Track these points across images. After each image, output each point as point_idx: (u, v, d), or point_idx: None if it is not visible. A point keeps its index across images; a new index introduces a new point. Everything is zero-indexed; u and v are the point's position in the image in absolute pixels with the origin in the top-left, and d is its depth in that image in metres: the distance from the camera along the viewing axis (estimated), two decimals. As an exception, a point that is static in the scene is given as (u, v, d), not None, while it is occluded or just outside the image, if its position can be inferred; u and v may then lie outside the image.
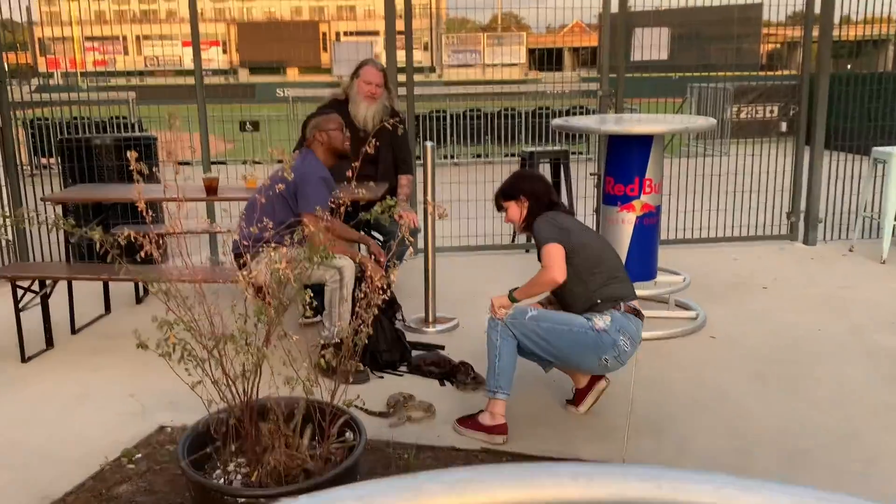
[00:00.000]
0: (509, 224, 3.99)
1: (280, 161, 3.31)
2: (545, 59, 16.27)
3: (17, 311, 4.45)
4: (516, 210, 3.62)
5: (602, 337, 3.32)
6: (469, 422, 3.50)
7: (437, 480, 0.84)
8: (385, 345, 4.21)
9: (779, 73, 13.12)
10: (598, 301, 3.38)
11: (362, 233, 4.44)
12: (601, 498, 0.83)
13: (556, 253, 3.38)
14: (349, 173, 2.86)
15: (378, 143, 3.25)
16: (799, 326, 4.87)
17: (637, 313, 3.41)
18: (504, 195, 3.65)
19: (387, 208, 2.66)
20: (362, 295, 2.68)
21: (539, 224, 3.49)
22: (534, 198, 3.58)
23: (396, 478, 0.86)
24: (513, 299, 3.44)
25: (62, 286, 4.84)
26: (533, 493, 0.83)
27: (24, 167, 7.11)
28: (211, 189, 4.80)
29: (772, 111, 13.30)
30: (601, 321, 3.34)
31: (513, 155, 11.28)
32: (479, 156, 12.53)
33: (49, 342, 4.65)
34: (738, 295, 5.52)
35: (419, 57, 26.82)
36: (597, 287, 3.39)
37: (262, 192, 3.80)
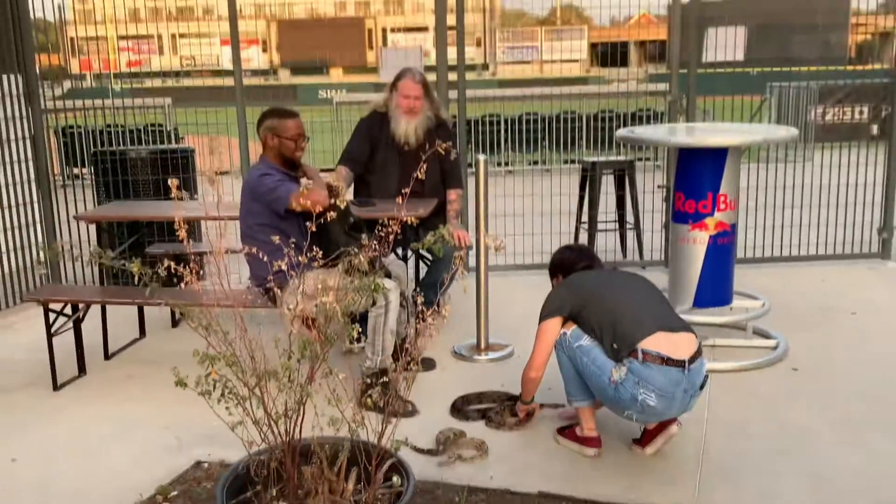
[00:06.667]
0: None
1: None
2: (609, 55, 16.18)
3: (50, 336, 4.58)
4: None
5: (619, 391, 3.34)
6: (567, 431, 3.73)
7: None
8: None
9: (869, 67, 12.82)
10: (615, 346, 3.38)
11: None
12: None
13: (542, 337, 3.61)
14: (399, 197, 2.81)
15: (423, 156, 3.28)
16: (893, 357, 4.76)
17: (669, 361, 3.28)
18: (550, 275, 3.95)
19: (439, 238, 2.68)
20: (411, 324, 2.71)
21: (549, 295, 3.71)
22: (563, 269, 3.83)
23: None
24: (525, 402, 3.85)
25: (95, 309, 4.96)
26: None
27: (56, 177, 7.29)
28: None
29: (861, 113, 13.01)
30: (617, 372, 3.34)
31: (573, 162, 11.23)
32: (535, 163, 12.50)
33: (82, 368, 4.78)
34: (824, 321, 5.41)
35: (472, 54, 26.91)
36: (608, 329, 3.41)
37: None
